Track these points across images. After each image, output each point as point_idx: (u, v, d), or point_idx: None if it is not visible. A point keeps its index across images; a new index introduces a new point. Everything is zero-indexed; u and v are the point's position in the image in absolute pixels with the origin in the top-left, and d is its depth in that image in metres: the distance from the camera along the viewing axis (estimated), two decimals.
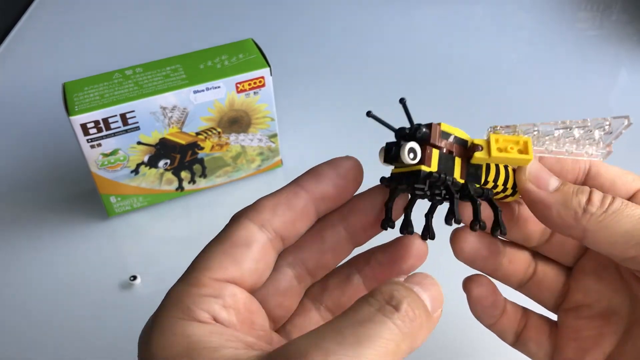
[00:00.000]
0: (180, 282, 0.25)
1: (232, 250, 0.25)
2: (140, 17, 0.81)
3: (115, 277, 0.49)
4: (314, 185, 0.28)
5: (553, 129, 0.27)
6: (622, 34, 0.74)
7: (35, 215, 0.54)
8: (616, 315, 0.30)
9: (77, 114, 0.45)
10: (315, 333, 0.21)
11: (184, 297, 0.24)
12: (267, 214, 0.26)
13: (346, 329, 0.20)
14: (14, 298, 0.48)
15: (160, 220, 0.54)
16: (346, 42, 0.75)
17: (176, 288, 0.24)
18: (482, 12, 0.80)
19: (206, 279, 0.24)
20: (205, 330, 0.22)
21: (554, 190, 0.26)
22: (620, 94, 0.66)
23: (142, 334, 0.24)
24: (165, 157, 0.51)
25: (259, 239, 0.25)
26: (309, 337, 0.21)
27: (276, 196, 0.27)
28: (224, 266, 0.24)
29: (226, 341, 0.22)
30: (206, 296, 0.23)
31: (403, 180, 0.26)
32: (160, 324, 0.23)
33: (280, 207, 0.26)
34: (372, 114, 0.26)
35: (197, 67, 0.49)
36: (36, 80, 0.70)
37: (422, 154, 0.25)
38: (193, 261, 0.25)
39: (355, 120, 0.63)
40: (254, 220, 0.26)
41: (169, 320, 0.23)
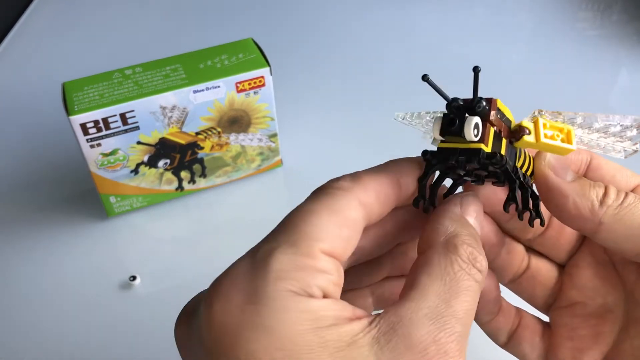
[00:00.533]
0: (285, 248, 0.21)
1: (343, 226, 0.23)
2: (140, 17, 0.81)
3: (115, 277, 0.49)
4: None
5: (593, 121, 0.27)
6: (623, 34, 0.74)
7: (35, 215, 0.54)
8: (611, 313, 0.29)
9: (77, 114, 0.45)
10: (416, 301, 0.21)
11: (297, 269, 0.21)
12: (370, 195, 0.24)
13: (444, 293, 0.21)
14: (14, 298, 0.48)
15: (160, 220, 0.54)
16: (346, 42, 0.75)
17: (282, 256, 0.21)
18: (482, 12, 0.80)
19: (317, 252, 0.22)
20: (323, 305, 0.21)
21: (571, 181, 0.26)
22: (621, 93, 0.66)
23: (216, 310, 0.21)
24: (165, 157, 0.51)
25: (361, 220, 0.24)
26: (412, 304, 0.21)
27: (378, 176, 0.25)
28: (335, 241, 0.22)
29: (341, 317, 0.21)
30: (320, 271, 0.21)
31: (451, 157, 0.24)
32: (268, 297, 0.20)
33: (382, 193, 0.25)
34: (428, 79, 0.24)
35: (197, 66, 0.49)
36: (36, 80, 0.70)
37: (482, 132, 0.23)
38: (294, 221, 0.22)
39: (355, 120, 0.63)
40: (359, 198, 0.24)
41: (282, 294, 0.20)
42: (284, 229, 0.23)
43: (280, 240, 0.22)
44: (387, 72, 0.70)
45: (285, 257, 0.21)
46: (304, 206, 0.23)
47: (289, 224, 0.23)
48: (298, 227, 0.22)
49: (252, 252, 0.23)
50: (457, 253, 0.23)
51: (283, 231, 0.22)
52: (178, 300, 0.48)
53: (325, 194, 0.23)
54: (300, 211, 0.23)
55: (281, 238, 0.22)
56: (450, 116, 0.24)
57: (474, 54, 0.71)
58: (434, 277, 0.22)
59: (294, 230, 0.22)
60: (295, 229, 0.22)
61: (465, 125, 0.23)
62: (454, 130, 0.24)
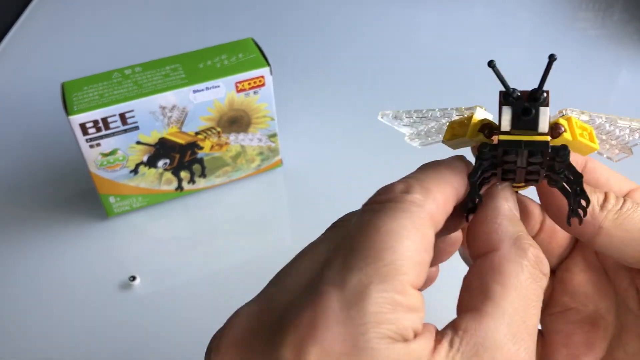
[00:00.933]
0: (377, 285, 0.19)
1: (424, 252, 0.21)
2: (140, 17, 0.81)
3: (115, 277, 0.49)
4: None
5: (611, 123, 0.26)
6: (623, 34, 0.74)
7: (34, 215, 0.54)
8: (603, 320, 0.29)
9: (76, 114, 0.45)
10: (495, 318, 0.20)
11: (392, 311, 0.19)
12: (440, 209, 0.22)
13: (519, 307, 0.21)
14: (13, 298, 0.48)
15: (160, 220, 0.54)
16: (346, 42, 0.75)
17: (377, 296, 0.19)
18: (482, 12, 0.80)
19: (408, 287, 0.20)
20: (417, 348, 0.20)
21: None
22: (621, 93, 0.66)
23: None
24: (165, 157, 0.51)
25: (434, 238, 0.22)
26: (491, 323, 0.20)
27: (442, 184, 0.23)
28: (419, 271, 0.20)
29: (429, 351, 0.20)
30: (412, 310, 0.20)
31: (513, 151, 0.22)
32: (369, 347, 0.18)
33: (448, 203, 0.23)
34: (494, 65, 0.22)
35: (196, 66, 0.49)
36: (35, 80, 0.70)
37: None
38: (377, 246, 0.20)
39: (355, 120, 0.63)
40: (432, 214, 0.22)
41: (382, 343, 0.19)
42: (368, 254, 0.20)
43: (370, 273, 0.20)
44: (387, 71, 0.70)
45: (380, 297, 0.19)
46: (380, 224, 0.21)
47: (371, 248, 0.20)
48: (384, 256, 0.20)
49: (338, 285, 0.20)
50: (526, 257, 0.22)
51: (368, 259, 0.20)
52: (178, 301, 0.48)
53: (401, 210, 0.21)
54: (379, 232, 0.20)
55: (370, 270, 0.20)
56: (525, 105, 0.22)
57: (474, 54, 0.71)
58: (508, 288, 0.21)
59: (380, 258, 0.20)
60: (381, 257, 0.20)
61: (540, 116, 0.22)
62: (528, 121, 0.22)
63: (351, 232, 0.21)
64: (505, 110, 0.23)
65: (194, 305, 0.47)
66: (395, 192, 0.22)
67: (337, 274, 0.20)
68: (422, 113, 0.28)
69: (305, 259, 0.22)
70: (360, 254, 0.20)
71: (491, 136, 0.25)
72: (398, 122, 0.29)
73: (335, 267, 0.20)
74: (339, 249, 0.21)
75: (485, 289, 0.21)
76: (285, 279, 0.22)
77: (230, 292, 0.48)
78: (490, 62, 0.22)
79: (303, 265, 0.22)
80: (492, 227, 0.23)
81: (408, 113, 0.28)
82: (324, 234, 0.24)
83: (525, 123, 0.22)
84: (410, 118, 0.28)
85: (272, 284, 0.23)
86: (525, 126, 0.22)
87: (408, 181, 0.23)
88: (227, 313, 0.25)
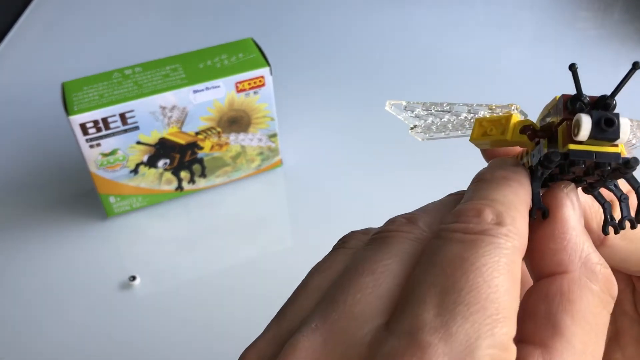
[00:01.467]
0: (485, 341, 0.17)
1: (519, 298, 0.19)
2: (140, 17, 0.81)
3: (115, 277, 0.49)
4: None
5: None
6: (623, 34, 0.74)
7: (34, 215, 0.54)
8: None
9: (76, 114, 0.45)
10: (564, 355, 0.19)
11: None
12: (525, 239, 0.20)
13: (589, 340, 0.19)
14: (13, 297, 0.48)
15: (160, 220, 0.54)
16: (346, 42, 0.75)
17: (483, 351, 0.17)
18: (482, 12, 0.80)
19: (511, 341, 0.18)
20: None
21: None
22: (621, 93, 0.65)
23: None
24: (165, 157, 0.51)
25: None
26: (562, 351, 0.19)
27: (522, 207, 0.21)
28: (515, 325, 0.19)
29: None
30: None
31: (581, 162, 0.21)
32: None
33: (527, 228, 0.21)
34: (575, 69, 0.21)
35: (196, 66, 0.49)
36: (35, 80, 0.70)
37: None
38: (480, 295, 0.18)
39: (355, 120, 0.63)
40: (522, 249, 0.20)
41: None
42: (471, 301, 0.18)
43: (477, 325, 0.17)
44: (387, 71, 0.69)
45: (487, 354, 0.17)
46: (479, 263, 0.18)
47: (473, 293, 0.18)
48: (489, 305, 0.18)
49: (442, 336, 0.17)
50: (597, 281, 0.20)
51: (472, 306, 0.18)
52: (178, 300, 0.48)
53: (496, 247, 0.19)
54: (480, 273, 0.18)
55: (476, 321, 0.17)
56: (607, 115, 0.21)
57: (474, 54, 0.71)
58: (578, 320, 0.19)
59: (485, 307, 0.18)
60: (486, 306, 0.18)
61: (622, 127, 0.20)
62: (610, 132, 0.20)
63: (439, 264, 0.19)
64: (584, 118, 0.21)
65: (194, 305, 0.47)
66: (485, 222, 0.20)
67: (438, 320, 0.18)
68: (442, 106, 0.26)
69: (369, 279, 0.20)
70: (463, 298, 0.18)
71: (533, 138, 0.23)
72: (408, 114, 0.27)
73: (431, 309, 0.18)
74: (429, 283, 0.19)
75: (554, 320, 0.20)
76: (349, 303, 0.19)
77: (230, 292, 0.48)
78: (571, 66, 0.21)
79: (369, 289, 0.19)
80: (561, 244, 0.21)
81: (424, 105, 0.27)
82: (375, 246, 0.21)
83: (605, 134, 0.21)
84: (427, 110, 0.27)
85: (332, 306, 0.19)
86: (605, 137, 0.21)
87: (495, 208, 0.20)
88: (227, 313, 0.25)
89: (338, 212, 0.53)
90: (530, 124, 0.23)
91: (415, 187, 0.54)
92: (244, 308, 0.46)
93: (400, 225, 0.22)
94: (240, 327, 0.45)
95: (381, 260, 0.20)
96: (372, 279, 0.19)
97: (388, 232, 0.21)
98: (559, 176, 0.22)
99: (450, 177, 0.56)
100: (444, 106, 0.26)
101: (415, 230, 0.21)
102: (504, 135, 0.24)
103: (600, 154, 0.21)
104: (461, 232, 0.20)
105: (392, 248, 0.21)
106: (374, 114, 0.64)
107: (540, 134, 0.23)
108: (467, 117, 0.26)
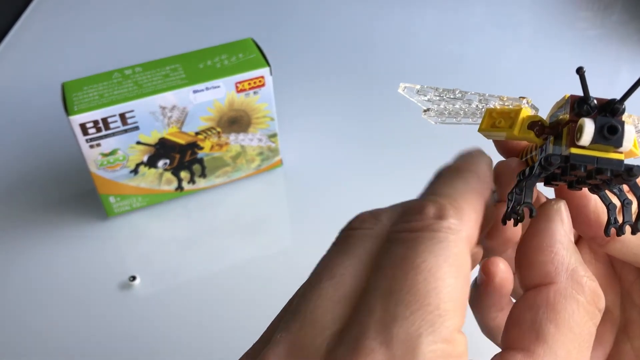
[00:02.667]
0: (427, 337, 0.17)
1: (466, 287, 0.19)
2: (140, 17, 0.81)
3: (115, 277, 0.49)
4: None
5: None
6: (623, 34, 0.74)
7: (34, 215, 0.54)
8: (610, 313, 0.29)
9: (76, 114, 0.45)
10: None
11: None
12: (475, 230, 0.21)
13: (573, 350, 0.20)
14: (13, 298, 0.48)
15: (160, 220, 0.54)
16: (346, 42, 0.75)
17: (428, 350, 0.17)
18: (482, 12, 0.80)
19: (455, 333, 0.18)
20: None
21: None
22: (621, 93, 0.66)
23: None
24: (165, 157, 0.51)
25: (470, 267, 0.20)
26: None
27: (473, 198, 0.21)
28: (463, 311, 0.19)
29: None
30: (461, 358, 0.18)
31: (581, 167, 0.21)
32: None
33: (480, 221, 0.21)
34: (583, 73, 0.21)
35: (196, 66, 0.49)
36: (35, 80, 0.70)
37: None
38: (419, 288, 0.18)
39: (355, 120, 0.63)
40: (468, 238, 0.20)
41: None
42: (411, 300, 0.18)
43: (417, 323, 0.17)
44: (387, 71, 0.70)
45: (431, 351, 0.17)
46: (418, 260, 0.19)
47: (413, 291, 0.18)
48: (429, 301, 0.18)
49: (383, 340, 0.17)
50: (583, 293, 0.20)
51: (412, 305, 0.18)
52: (178, 301, 0.48)
53: (438, 241, 0.19)
54: (419, 270, 0.18)
55: (417, 319, 0.18)
56: (612, 122, 0.20)
57: (474, 54, 0.71)
58: (562, 329, 0.20)
59: (425, 304, 0.18)
60: (427, 302, 0.18)
61: (626, 135, 0.20)
62: (613, 140, 0.20)
63: (384, 267, 0.19)
64: (588, 123, 0.20)
65: (194, 305, 0.47)
66: (427, 217, 0.20)
67: (379, 324, 0.18)
68: (454, 93, 0.26)
69: (327, 284, 0.20)
70: (403, 298, 0.18)
71: (541, 134, 0.23)
72: (421, 97, 0.27)
73: (375, 314, 0.18)
74: (374, 288, 0.19)
75: (538, 328, 0.20)
76: (309, 312, 0.19)
77: (230, 292, 0.48)
78: (579, 70, 0.21)
79: (327, 295, 0.19)
80: (548, 256, 0.21)
81: (436, 90, 0.27)
82: (338, 246, 0.21)
83: (607, 141, 0.20)
84: (439, 96, 0.27)
85: (294, 317, 0.19)
86: (607, 143, 0.20)
87: (438, 201, 0.20)
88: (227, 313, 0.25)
89: (338, 212, 0.53)
90: (539, 120, 0.23)
91: (415, 187, 0.54)
92: (243, 308, 0.46)
93: (362, 222, 0.21)
94: (240, 327, 0.45)
95: (341, 263, 0.20)
96: (330, 284, 0.19)
97: (351, 230, 0.21)
98: (561, 177, 0.22)
99: None
100: (456, 93, 0.26)
101: (377, 226, 0.21)
102: (511, 130, 0.23)
103: (602, 160, 0.20)
104: (406, 232, 0.20)
105: (353, 248, 0.20)
106: (374, 113, 0.64)
107: (548, 130, 0.23)
108: (478, 106, 0.26)
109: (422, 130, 0.60)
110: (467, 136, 0.28)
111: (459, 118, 0.27)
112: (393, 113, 0.63)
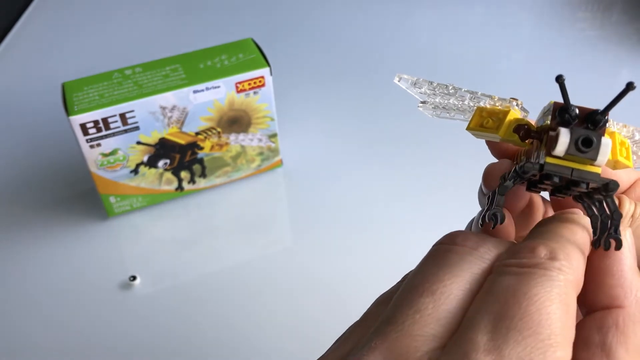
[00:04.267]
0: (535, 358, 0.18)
1: (574, 329, 0.20)
2: (140, 17, 0.81)
3: (115, 277, 0.49)
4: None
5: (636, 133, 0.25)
6: (622, 34, 0.74)
7: (34, 215, 0.54)
8: None
9: (77, 114, 0.45)
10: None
11: None
12: (581, 274, 0.21)
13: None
14: (14, 298, 0.48)
15: (160, 220, 0.54)
16: (346, 42, 0.75)
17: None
18: (482, 12, 0.80)
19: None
20: None
21: None
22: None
23: None
24: (165, 157, 0.51)
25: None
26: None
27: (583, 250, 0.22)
28: (571, 352, 0.20)
29: None
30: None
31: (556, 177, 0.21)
32: None
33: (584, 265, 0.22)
34: (562, 81, 0.21)
35: (196, 66, 0.49)
36: (35, 80, 0.70)
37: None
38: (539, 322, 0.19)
39: (355, 120, 0.63)
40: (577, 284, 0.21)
41: None
42: (524, 326, 0.18)
43: (528, 348, 0.18)
44: (386, 71, 0.70)
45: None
46: (531, 292, 0.19)
47: (526, 318, 0.19)
48: (541, 330, 0.18)
49: (494, 356, 0.18)
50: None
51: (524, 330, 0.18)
52: (178, 301, 0.48)
53: (548, 278, 0.20)
54: (531, 301, 0.19)
55: (528, 344, 0.18)
56: (587, 135, 0.20)
57: (473, 54, 0.71)
58: (632, 353, 0.20)
59: (537, 332, 0.18)
60: (539, 331, 0.18)
61: (601, 149, 0.20)
62: (588, 152, 0.20)
63: (495, 293, 0.20)
64: (563, 133, 0.20)
65: (194, 306, 0.47)
66: (539, 256, 0.20)
67: (490, 344, 0.18)
68: (447, 89, 0.26)
69: (428, 300, 0.20)
70: (515, 324, 0.18)
71: (526, 139, 0.23)
72: (415, 90, 0.27)
73: (485, 335, 0.18)
74: (485, 310, 0.19)
75: (608, 350, 0.20)
76: (408, 324, 0.20)
77: (230, 292, 0.48)
78: (558, 77, 0.21)
79: (427, 310, 0.20)
80: (618, 280, 0.22)
81: (430, 84, 0.27)
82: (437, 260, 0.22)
83: (583, 153, 0.20)
84: (432, 90, 0.27)
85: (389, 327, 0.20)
86: (582, 156, 0.20)
87: (549, 245, 0.21)
88: (228, 312, 0.25)
89: (338, 212, 0.53)
90: (526, 123, 0.23)
91: (415, 187, 0.54)
92: (244, 308, 0.46)
93: (464, 240, 0.22)
94: (240, 327, 0.46)
95: (441, 280, 0.20)
96: (431, 300, 0.20)
97: (452, 246, 0.22)
98: (539, 185, 0.22)
99: (452, 177, 0.57)
100: (449, 89, 0.26)
101: (482, 248, 0.21)
102: (497, 131, 0.23)
103: (577, 172, 0.20)
104: (516, 267, 0.20)
105: (455, 267, 0.21)
106: (375, 113, 0.64)
107: (534, 135, 0.23)
108: (469, 103, 0.26)
109: (422, 131, 0.60)
110: (466, 140, 0.28)
111: (452, 113, 0.27)
112: (393, 113, 0.63)
